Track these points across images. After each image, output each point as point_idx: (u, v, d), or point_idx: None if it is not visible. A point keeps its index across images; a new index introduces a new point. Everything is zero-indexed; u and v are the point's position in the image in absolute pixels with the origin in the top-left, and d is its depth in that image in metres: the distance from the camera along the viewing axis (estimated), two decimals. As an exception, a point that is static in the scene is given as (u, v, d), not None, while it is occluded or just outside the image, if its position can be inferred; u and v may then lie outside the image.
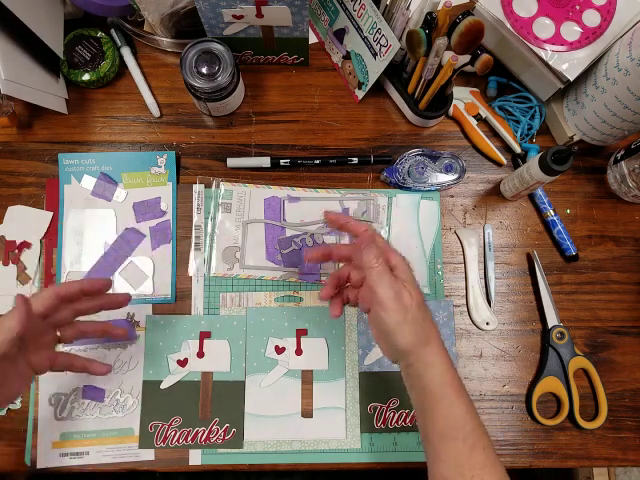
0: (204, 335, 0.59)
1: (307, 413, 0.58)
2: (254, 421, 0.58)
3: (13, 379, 0.46)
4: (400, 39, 0.57)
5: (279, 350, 0.59)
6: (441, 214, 0.64)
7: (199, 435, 0.57)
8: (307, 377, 0.59)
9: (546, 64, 0.59)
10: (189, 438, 0.57)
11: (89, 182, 0.62)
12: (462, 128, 0.66)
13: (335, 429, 0.58)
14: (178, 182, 0.64)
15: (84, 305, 0.51)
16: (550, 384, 0.59)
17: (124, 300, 0.53)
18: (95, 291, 0.51)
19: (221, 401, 0.58)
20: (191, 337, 0.59)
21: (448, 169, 0.64)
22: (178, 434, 0.57)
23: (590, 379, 0.60)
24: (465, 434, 0.44)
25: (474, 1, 0.60)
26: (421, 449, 0.57)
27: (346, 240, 0.62)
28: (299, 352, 0.59)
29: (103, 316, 0.57)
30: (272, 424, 0.58)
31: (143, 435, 0.57)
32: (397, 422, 0.58)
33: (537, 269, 0.61)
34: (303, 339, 0.60)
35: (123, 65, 0.67)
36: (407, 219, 0.63)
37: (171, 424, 0.57)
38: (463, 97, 0.66)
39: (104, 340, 0.58)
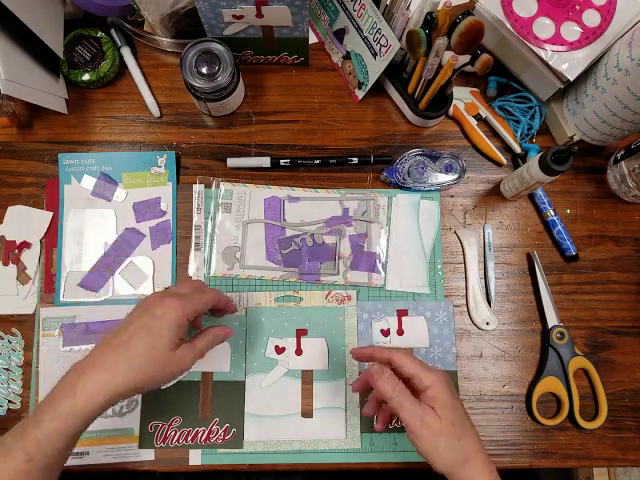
0: (204, 335, 0.59)
1: (307, 413, 0.58)
2: (254, 421, 0.58)
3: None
4: (400, 39, 0.57)
5: (279, 350, 0.59)
6: (441, 214, 0.64)
7: (199, 435, 0.57)
8: (307, 377, 0.59)
9: (546, 64, 0.59)
10: (189, 438, 0.57)
11: (89, 182, 0.62)
12: (462, 128, 0.66)
13: (335, 429, 0.58)
14: (178, 182, 0.64)
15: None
16: (550, 384, 0.59)
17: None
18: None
19: (221, 401, 0.58)
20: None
21: (448, 169, 0.64)
22: (178, 434, 0.57)
23: (590, 379, 0.60)
24: None
25: (474, 1, 0.60)
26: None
27: (347, 240, 0.62)
28: (299, 352, 0.59)
29: (100, 313, 0.58)
30: (272, 424, 0.57)
31: (143, 435, 0.57)
32: (397, 422, 0.58)
33: (537, 269, 0.61)
34: (303, 339, 0.60)
35: (123, 65, 0.67)
36: (407, 219, 0.63)
37: (171, 424, 0.57)
38: (463, 97, 0.66)
39: None
